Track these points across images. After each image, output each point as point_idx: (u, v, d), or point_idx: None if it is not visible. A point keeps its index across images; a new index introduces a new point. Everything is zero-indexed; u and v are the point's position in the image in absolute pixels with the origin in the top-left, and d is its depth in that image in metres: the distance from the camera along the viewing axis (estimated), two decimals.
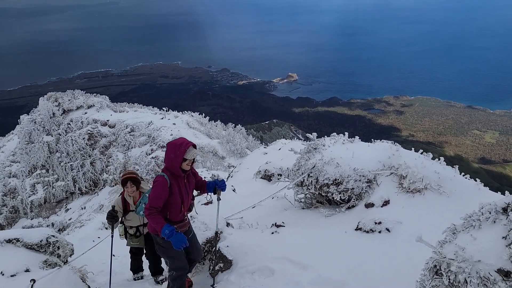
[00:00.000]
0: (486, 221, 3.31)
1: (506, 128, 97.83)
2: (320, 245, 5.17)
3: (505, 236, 3.04)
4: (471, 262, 3.09)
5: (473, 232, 3.32)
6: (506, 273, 2.92)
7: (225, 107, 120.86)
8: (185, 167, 4.36)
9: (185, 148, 4.28)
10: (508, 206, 3.23)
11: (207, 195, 5.17)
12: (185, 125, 31.33)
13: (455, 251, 3.26)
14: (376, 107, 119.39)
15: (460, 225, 3.53)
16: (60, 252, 6.77)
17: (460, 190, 5.54)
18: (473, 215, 3.47)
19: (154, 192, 4.34)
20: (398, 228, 5.03)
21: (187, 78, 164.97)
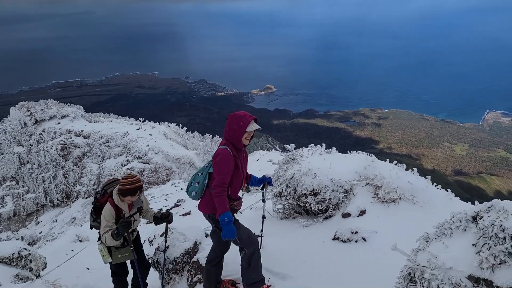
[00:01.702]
0: (457, 229, 3.44)
1: (475, 141, 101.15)
2: (299, 255, 5.22)
3: (475, 244, 3.16)
4: (443, 269, 3.20)
5: (445, 240, 3.44)
6: (476, 280, 3.03)
7: (202, 118, 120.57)
8: (244, 141, 4.21)
9: (248, 120, 4.15)
10: (477, 214, 3.37)
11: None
12: (162, 136, 31.09)
13: (428, 259, 3.37)
14: (354, 119, 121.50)
15: (433, 234, 3.65)
16: (32, 266, 6.57)
17: (432, 200, 5.71)
18: (445, 224, 3.60)
19: (222, 167, 4.03)
20: (374, 237, 5.14)
21: (164, 88, 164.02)
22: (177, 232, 6.03)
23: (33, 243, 18.86)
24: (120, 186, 4.63)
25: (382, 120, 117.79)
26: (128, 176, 4.67)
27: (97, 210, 4.95)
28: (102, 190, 4.98)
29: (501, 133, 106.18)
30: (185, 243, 5.80)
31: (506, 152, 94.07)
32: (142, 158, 26.01)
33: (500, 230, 2.98)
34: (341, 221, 5.83)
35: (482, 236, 3.12)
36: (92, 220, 5.11)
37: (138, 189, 4.70)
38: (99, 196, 4.99)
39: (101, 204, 4.84)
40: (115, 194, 4.70)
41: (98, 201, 4.96)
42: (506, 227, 2.94)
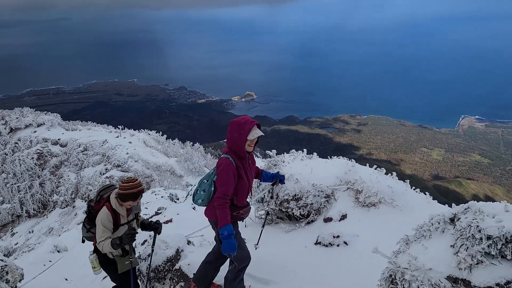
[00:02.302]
0: (435, 231, 3.52)
1: (450, 146, 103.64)
2: (282, 261, 5.23)
3: (453, 245, 3.24)
4: (423, 271, 3.26)
5: (424, 242, 3.51)
6: (455, 280, 3.10)
7: (182, 126, 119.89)
8: (247, 148, 4.06)
9: (249, 127, 3.98)
10: (455, 216, 3.45)
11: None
12: (141, 144, 30.70)
13: (409, 261, 3.43)
14: (334, 125, 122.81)
15: (413, 236, 3.72)
16: (9, 277, 6.36)
17: (411, 203, 5.82)
18: (424, 226, 3.68)
19: (224, 178, 3.95)
20: (355, 241, 5.20)
21: (143, 96, 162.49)
22: (158, 240, 5.95)
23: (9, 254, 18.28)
24: (121, 191, 4.34)
25: (361, 126, 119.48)
26: (129, 179, 4.43)
27: (91, 219, 4.59)
28: (97, 196, 4.64)
29: (476, 138, 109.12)
30: (167, 250, 5.74)
31: (480, 157, 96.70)
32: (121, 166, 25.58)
33: (476, 231, 3.06)
34: (323, 226, 5.87)
35: (460, 237, 3.20)
36: (85, 231, 4.72)
37: (140, 193, 4.45)
38: (93, 204, 4.63)
39: (96, 212, 4.50)
40: (113, 198, 4.41)
41: (93, 208, 4.59)
42: (483, 228, 3.02)
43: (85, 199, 24.20)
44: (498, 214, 3.12)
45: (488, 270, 2.96)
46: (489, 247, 2.97)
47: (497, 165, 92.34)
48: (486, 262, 2.98)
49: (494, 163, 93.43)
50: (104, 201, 4.50)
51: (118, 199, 4.38)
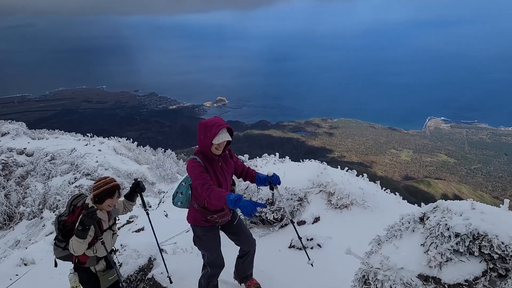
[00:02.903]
0: (406, 230, 3.57)
1: (418, 147, 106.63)
2: (256, 265, 5.19)
3: (423, 243, 3.29)
4: (395, 270, 3.30)
5: (395, 241, 3.56)
6: (426, 278, 3.15)
7: (154, 132, 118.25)
8: (214, 151, 3.83)
9: (215, 131, 3.73)
10: (424, 215, 3.52)
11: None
12: (111, 151, 30.05)
13: (381, 261, 3.46)
14: (306, 129, 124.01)
15: (384, 236, 3.77)
16: None
17: (382, 204, 5.92)
18: (394, 226, 3.73)
19: (194, 172, 3.74)
20: (329, 243, 5.23)
21: (113, 102, 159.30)
22: (130, 249, 5.81)
23: None
24: (96, 191, 4.05)
25: (333, 129, 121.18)
26: (100, 178, 4.17)
27: (66, 234, 4.12)
28: (70, 207, 4.22)
29: (442, 139, 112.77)
30: (139, 260, 5.59)
31: (446, 157, 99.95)
32: (91, 175, 24.93)
33: (445, 229, 3.13)
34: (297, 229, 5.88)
35: (429, 235, 3.26)
36: (60, 251, 4.22)
37: (116, 188, 4.13)
38: (66, 217, 4.19)
39: (72, 223, 4.08)
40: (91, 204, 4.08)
41: (67, 221, 4.14)
42: (451, 226, 3.08)
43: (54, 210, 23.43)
44: (465, 212, 3.19)
45: (457, 267, 3.02)
46: (457, 245, 3.04)
47: (463, 164, 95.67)
48: (455, 259, 3.04)
49: (460, 162, 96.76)
50: (80, 209, 4.14)
51: (95, 203, 4.09)
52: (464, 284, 3.00)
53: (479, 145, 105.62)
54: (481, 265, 2.99)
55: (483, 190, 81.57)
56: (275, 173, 4.22)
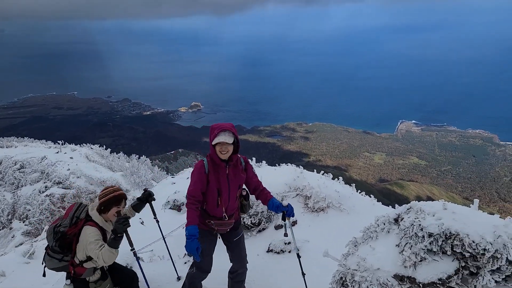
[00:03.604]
0: (381, 232, 3.64)
1: (391, 150, 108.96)
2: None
3: (398, 244, 3.36)
4: (371, 271, 3.35)
5: (371, 243, 3.62)
6: (401, 278, 3.22)
7: (127, 138, 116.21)
8: (219, 154, 3.77)
9: (216, 133, 3.72)
10: (398, 216, 3.60)
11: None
12: (84, 159, 29.29)
13: (358, 262, 3.51)
14: (282, 134, 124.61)
15: (360, 238, 3.83)
16: None
17: (358, 206, 6.02)
18: (370, 228, 3.80)
19: (192, 178, 3.83)
20: (306, 246, 5.27)
21: (84, 109, 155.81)
22: None
23: None
24: (102, 199, 3.93)
25: (309, 134, 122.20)
26: (107, 187, 4.06)
27: (65, 246, 3.93)
28: (73, 219, 3.98)
29: (413, 142, 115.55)
30: None
31: (418, 159, 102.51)
32: (62, 183, 24.19)
33: (419, 229, 3.20)
34: (274, 233, 5.90)
35: (404, 236, 3.33)
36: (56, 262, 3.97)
37: (122, 197, 4.03)
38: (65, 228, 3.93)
39: (74, 236, 3.88)
40: (97, 215, 3.91)
41: (68, 233, 3.91)
42: (424, 226, 3.16)
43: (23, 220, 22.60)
44: (437, 212, 3.28)
45: (431, 266, 3.10)
46: (431, 244, 3.12)
47: (433, 166, 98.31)
48: (429, 258, 3.12)
49: (431, 164, 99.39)
50: (83, 221, 3.95)
51: (101, 212, 3.94)
52: (437, 283, 3.08)
53: (448, 147, 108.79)
54: (453, 264, 3.07)
55: (453, 191, 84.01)
56: (290, 204, 4.07)
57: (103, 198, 3.94)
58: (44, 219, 20.55)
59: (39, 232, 17.47)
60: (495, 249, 2.88)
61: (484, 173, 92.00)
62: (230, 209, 4.01)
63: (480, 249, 2.90)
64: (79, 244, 3.84)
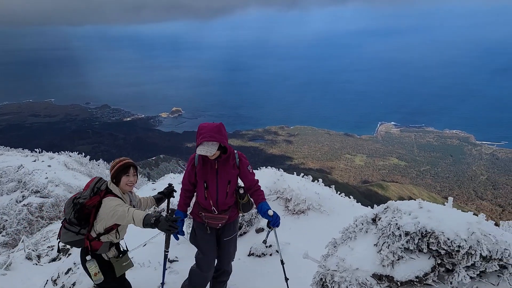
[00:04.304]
0: (360, 232, 3.68)
1: (371, 151, 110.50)
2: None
3: (376, 243, 3.40)
4: (351, 271, 3.38)
5: (350, 243, 3.66)
6: (379, 277, 3.26)
7: (107, 145, 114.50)
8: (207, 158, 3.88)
9: (198, 141, 3.65)
10: (376, 216, 3.64)
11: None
12: (62, 167, 28.73)
13: (337, 263, 3.54)
14: (265, 137, 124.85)
15: (340, 238, 3.86)
16: None
17: (337, 207, 6.06)
18: (349, 228, 3.83)
19: (186, 168, 4.09)
20: (287, 249, 5.28)
21: (62, 116, 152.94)
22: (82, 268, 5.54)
23: None
24: (111, 171, 3.91)
25: (292, 137, 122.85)
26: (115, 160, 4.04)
27: (83, 218, 3.85)
28: (94, 189, 3.91)
29: (393, 143, 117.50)
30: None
31: (398, 160, 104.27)
32: (40, 192, 23.69)
33: (396, 229, 3.25)
34: (255, 237, 5.89)
35: (382, 235, 3.37)
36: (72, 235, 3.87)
37: (130, 164, 3.93)
38: (85, 200, 3.86)
39: (93, 207, 3.80)
40: (115, 187, 3.88)
41: (87, 204, 3.83)
42: (401, 225, 3.21)
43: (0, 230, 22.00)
44: (413, 211, 3.34)
45: (408, 264, 3.14)
46: (407, 243, 3.16)
47: (413, 167, 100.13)
48: (406, 257, 3.16)
49: (410, 165, 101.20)
50: (104, 193, 3.88)
51: (115, 184, 3.90)
52: (415, 281, 3.12)
53: (427, 147, 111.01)
54: (430, 261, 3.12)
55: (432, 191, 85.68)
56: (276, 213, 3.93)
57: (111, 170, 3.94)
58: (21, 229, 20.07)
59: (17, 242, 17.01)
60: (469, 246, 2.94)
61: (461, 172, 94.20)
62: (221, 204, 3.99)
63: (455, 246, 2.96)
64: (100, 214, 3.77)
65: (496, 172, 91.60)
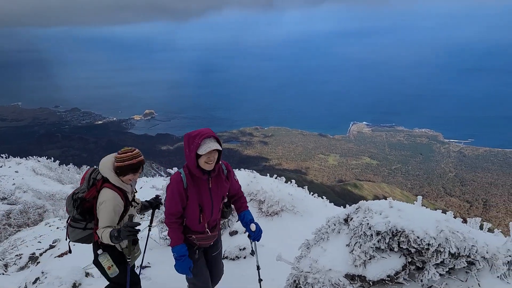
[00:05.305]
0: (332, 232, 3.69)
1: (344, 151, 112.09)
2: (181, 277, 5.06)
3: (348, 244, 3.42)
4: (324, 272, 3.38)
5: (323, 244, 3.66)
6: (352, 277, 3.27)
7: (77, 149, 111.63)
8: (204, 165, 3.30)
9: (198, 141, 3.22)
10: (348, 216, 3.66)
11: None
12: (30, 172, 27.84)
13: (310, 264, 3.53)
14: (241, 139, 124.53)
15: (312, 240, 3.86)
16: None
17: (311, 208, 6.09)
18: (322, 229, 3.84)
19: (168, 195, 3.41)
20: (261, 251, 5.23)
21: (30, 120, 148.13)
22: (51, 276, 5.38)
23: None
24: (119, 163, 3.65)
25: (268, 138, 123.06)
26: (127, 149, 3.75)
27: (86, 211, 3.75)
28: (90, 180, 3.78)
29: (365, 142, 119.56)
30: (62, 287, 5.19)
31: (370, 159, 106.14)
32: (7, 199, 22.90)
33: (367, 228, 3.27)
34: (229, 239, 5.84)
35: (354, 236, 3.39)
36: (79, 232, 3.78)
37: (141, 164, 3.75)
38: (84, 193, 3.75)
39: (93, 198, 3.69)
40: (113, 174, 3.65)
41: (86, 197, 3.72)
42: (372, 225, 3.23)
43: None
44: (384, 210, 3.37)
45: (380, 263, 3.17)
46: (379, 242, 3.19)
47: (384, 165, 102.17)
48: (377, 256, 3.18)
49: (382, 164, 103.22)
50: (101, 182, 3.70)
51: (116, 174, 3.68)
52: (386, 280, 3.15)
53: (397, 146, 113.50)
54: (400, 260, 3.16)
55: (403, 188, 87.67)
56: (258, 226, 3.72)
57: (120, 163, 3.68)
58: None
59: None
60: (438, 243, 2.99)
61: (430, 169, 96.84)
62: (212, 222, 3.66)
63: (425, 244, 3.00)
64: (99, 204, 3.61)
65: (464, 169, 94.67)
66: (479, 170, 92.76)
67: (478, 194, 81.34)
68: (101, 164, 3.75)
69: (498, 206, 75.55)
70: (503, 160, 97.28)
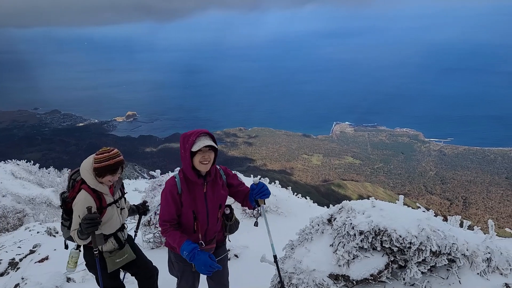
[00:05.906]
0: (316, 233, 3.70)
1: (327, 151, 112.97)
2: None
3: (332, 244, 3.44)
4: (308, 273, 3.39)
5: (307, 244, 3.67)
6: (336, 277, 3.29)
7: (58, 152, 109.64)
8: (199, 166, 3.13)
9: (193, 139, 3.08)
10: (331, 216, 3.69)
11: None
12: (9, 176, 27.21)
13: (294, 265, 3.54)
14: (226, 140, 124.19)
15: (296, 240, 3.87)
16: None
17: (295, 209, 6.11)
18: (305, 229, 3.85)
19: (162, 201, 3.28)
20: (246, 253, 5.23)
21: (8, 122, 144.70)
22: (31, 282, 5.28)
23: None
24: (96, 164, 3.55)
25: (252, 139, 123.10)
26: (104, 150, 3.64)
27: (70, 212, 3.69)
28: (70, 181, 3.75)
29: (348, 142, 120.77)
30: None
31: (352, 158, 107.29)
32: None
33: (350, 228, 3.30)
34: None
35: (337, 236, 3.41)
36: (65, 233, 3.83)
37: (119, 164, 3.63)
38: (67, 194, 3.72)
39: (73, 199, 3.61)
40: (90, 175, 3.57)
41: (69, 197, 3.67)
42: (355, 225, 3.26)
43: None
44: (367, 210, 3.40)
45: (363, 263, 3.20)
46: (362, 242, 3.22)
47: (367, 165, 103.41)
48: (361, 256, 3.21)
49: (364, 163, 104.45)
50: (80, 183, 3.65)
51: (95, 175, 3.60)
52: (369, 279, 3.18)
53: (379, 146, 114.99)
54: (383, 259, 3.19)
55: (386, 187, 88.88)
56: (262, 182, 3.47)
57: (97, 164, 3.58)
58: None
59: None
60: (420, 242, 3.03)
61: (412, 168, 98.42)
62: (209, 233, 3.44)
63: (407, 243, 3.04)
64: (73, 206, 3.58)
65: (444, 168, 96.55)
66: (458, 168, 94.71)
67: (458, 192, 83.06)
68: (81, 166, 3.69)
69: (477, 204, 77.33)
70: (481, 158, 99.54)
